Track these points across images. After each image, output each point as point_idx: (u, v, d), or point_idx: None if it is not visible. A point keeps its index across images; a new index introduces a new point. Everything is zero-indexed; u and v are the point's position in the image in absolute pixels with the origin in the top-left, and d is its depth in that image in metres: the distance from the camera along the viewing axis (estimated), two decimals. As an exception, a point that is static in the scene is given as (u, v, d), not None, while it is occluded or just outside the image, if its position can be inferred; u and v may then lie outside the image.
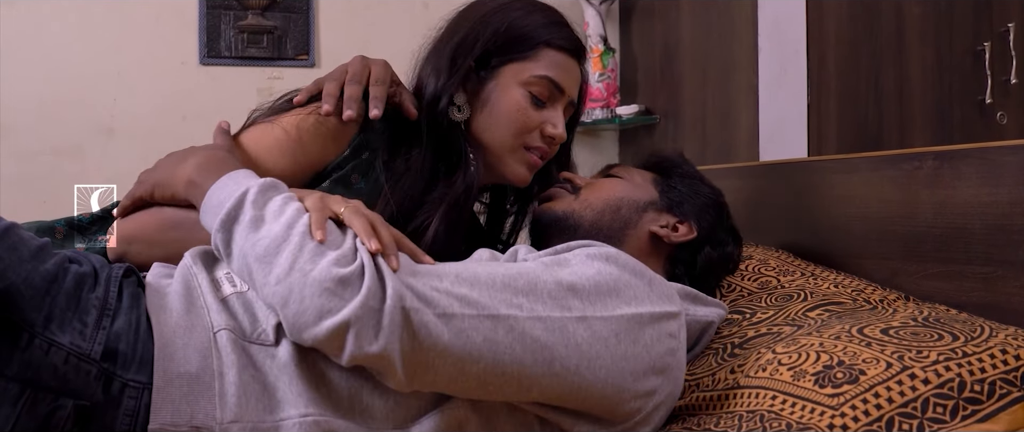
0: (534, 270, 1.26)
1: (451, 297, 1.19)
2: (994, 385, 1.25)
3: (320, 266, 1.17)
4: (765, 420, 1.25)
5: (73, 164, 3.62)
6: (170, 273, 1.38)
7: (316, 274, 1.16)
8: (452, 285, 1.21)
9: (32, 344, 1.13)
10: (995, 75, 2.43)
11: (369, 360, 1.17)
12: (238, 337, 1.24)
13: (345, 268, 1.17)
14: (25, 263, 1.17)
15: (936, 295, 1.70)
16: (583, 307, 1.23)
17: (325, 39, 3.89)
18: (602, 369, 1.22)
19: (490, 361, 1.19)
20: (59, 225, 1.62)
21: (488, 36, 1.62)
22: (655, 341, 1.27)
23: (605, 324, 1.23)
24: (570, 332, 1.21)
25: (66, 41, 3.64)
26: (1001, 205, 1.58)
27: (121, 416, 1.17)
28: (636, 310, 1.26)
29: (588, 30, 3.93)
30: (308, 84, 1.66)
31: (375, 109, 1.58)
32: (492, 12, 1.65)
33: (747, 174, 2.37)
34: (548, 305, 1.22)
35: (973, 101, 2.48)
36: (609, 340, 1.23)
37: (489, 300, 1.21)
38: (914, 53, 2.65)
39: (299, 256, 1.18)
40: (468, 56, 1.62)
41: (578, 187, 1.67)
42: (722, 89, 3.36)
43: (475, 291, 1.21)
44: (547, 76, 1.62)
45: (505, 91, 1.62)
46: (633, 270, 1.31)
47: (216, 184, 1.34)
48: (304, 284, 1.16)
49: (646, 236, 1.62)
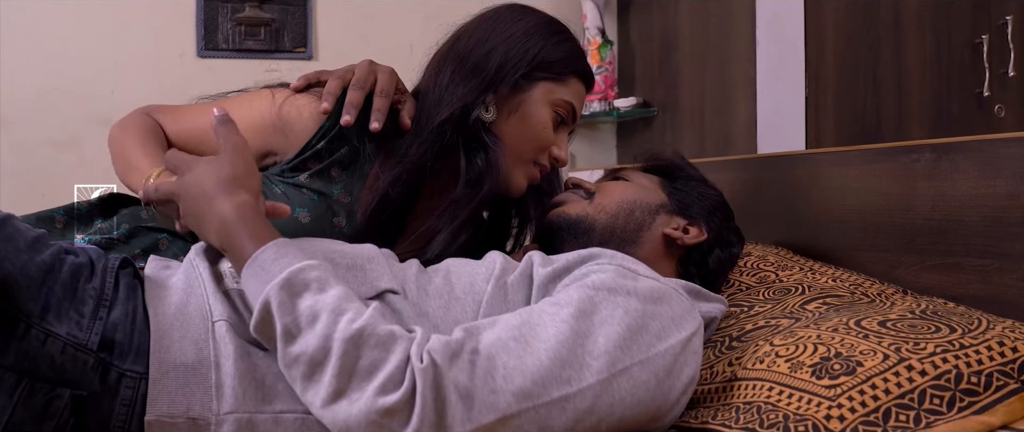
0: (572, 334, 1.21)
1: (508, 395, 1.15)
2: (991, 377, 1.25)
3: (366, 397, 1.09)
4: (762, 411, 1.25)
5: (71, 156, 3.63)
6: (169, 265, 1.39)
7: (362, 407, 1.09)
8: (505, 381, 1.15)
9: (29, 334, 1.13)
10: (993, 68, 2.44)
11: None
12: (237, 328, 1.24)
13: (392, 395, 1.09)
14: (21, 253, 1.17)
15: (933, 288, 1.70)
16: (623, 357, 1.22)
17: (322, 31, 3.89)
18: (642, 407, 1.23)
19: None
20: (58, 215, 1.62)
21: (535, 52, 1.66)
22: (686, 364, 1.28)
23: (643, 368, 1.22)
24: (614, 389, 1.20)
25: (64, 33, 3.65)
26: (999, 198, 1.58)
27: (118, 406, 1.17)
28: (668, 344, 1.26)
29: (586, 22, 3.93)
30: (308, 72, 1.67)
31: (375, 122, 1.60)
32: (535, 29, 1.69)
33: (745, 166, 2.37)
34: (591, 370, 1.20)
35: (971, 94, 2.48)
36: (649, 382, 1.22)
37: (542, 389, 1.16)
38: (912, 46, 2.65)
39: (343, 380, 1.11)
40: (516, 68, 1.65)
41: (591, 192, 1.67)
42: (720, 82, 3.36)
43: (529, 381, 1.16)
44: (571, 102, 1.69)
45: (536, 105, 1.66)
46: (649, 297, 1.29)
47: (242, 275, 1.24)
48: (349, 415, 1.10)
49: (659, 239, 1.63)
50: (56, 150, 3.62)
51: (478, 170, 1.63)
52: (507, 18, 1.70)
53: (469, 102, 1.62)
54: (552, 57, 1.67)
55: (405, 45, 3.85)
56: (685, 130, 3.56)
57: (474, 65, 1.64)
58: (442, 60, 1.68)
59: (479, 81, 1.63)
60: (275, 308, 1.14)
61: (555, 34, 1.69)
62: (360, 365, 1.11)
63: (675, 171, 1.73)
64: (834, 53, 2.87)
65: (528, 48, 1.66)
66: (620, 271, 1.32)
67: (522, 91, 1.65)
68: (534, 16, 1.72)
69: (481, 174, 1.63)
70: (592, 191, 1.67)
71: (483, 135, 1.63)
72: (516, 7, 1.73)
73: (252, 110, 1.62)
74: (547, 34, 1.68)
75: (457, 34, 1.72)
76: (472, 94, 1.62)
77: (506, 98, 1.65)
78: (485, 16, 1.72)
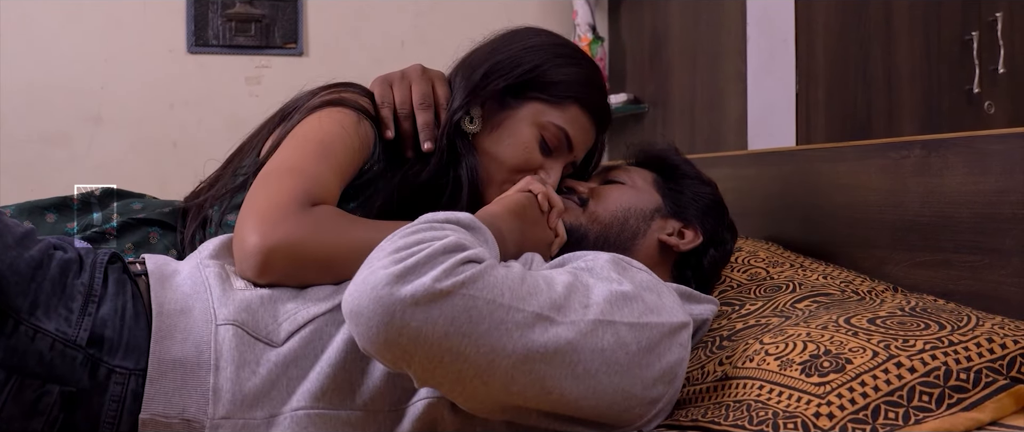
0: (571, 280, 1.23)
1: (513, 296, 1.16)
2: (980, 373, 1.25)
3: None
4: (752, 410, 1.26)
5: (61, 152, 3.62)
6: (170, 262, 1.38)
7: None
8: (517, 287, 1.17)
9: (17, 331, 1.13)
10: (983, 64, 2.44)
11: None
12: (242, 332, 1.24)
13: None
14: (10, 250, 1.17)
15: (923, 284, 1.70)
16: (613, 312, 1.22)
17: (313, 28, 3.88)
18: (618, 375, 1.21)
19: (521, 356, 1.17)
20: (50, 210, 1.62)
21: (528, 67, 1.61)
22: (668, 351, 1.27)
23: (630, 331, 1.22)
24: (598, 335, 1.20)
25: (54, 29, 3.64)
26: (988, 194, 1.59)
27: (108, 402, 1.17)
28: (658, 319, 1.26)
29: (577, 19, 3.93)
30: (378, 88, 1.63)
31: (428, 142, 1.58)
32: (540, 46, 1.64)
33: (735, 163, 2.37)
34: (578, 311, 1.20)
35: (961, 90, 2.49)
36: (630, 347, 1.21)
37: (534, 306, 1.17)
38: (903, 42, 2.65)
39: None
40: (503, 78, 1.61)
41: (585, 199, 1.65)
42: (711, 78, 3.36)
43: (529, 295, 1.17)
44: (564, 129, 1.62)
45: (520, 123, 1.61)
46: (642, 283, 1.30)
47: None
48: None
49: (655, 245, 1.62)
50: (46, 145, 3.62)
51: (458, 183, 1.59)
52: (520, 35, 1.67)
53: (455, 110, 1.59)
54: (549, 78, 1.61)
55: (396, 41, 3.87)
56: (676, 126, 3.56)
57: (470, 76, 1.61)
58: (453, 75, 1.67)
59: (468, 91, 1.60)
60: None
61: (561, 57, 1.64)
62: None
63: (670, 168, 1.72)
64: (824, 49, 2.88)
65: (521, 61, 1.61)
66: (615, 259, 1.33)
67: (509, 108, 1.62)
68: (546, 36, 1.68)
69: (457, 187, 1.59)
70: (586, 197, 1.66)
71: (460, 145, 1.59)
72: (534, 28, 1.70)
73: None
74: (550, 54, 1.63)
75: (472, 47, 1.69)
76: (461, 104, 1.59)
77: (493, 112, 1.62)
78: (502, 33, 1.69)
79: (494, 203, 1.49)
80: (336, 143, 1.48)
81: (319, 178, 1.42)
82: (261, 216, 1.33)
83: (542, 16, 3.90)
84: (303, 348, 1.25)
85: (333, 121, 1.51)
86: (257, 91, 3.80)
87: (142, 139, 3.69)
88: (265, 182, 1.41)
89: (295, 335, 1.25)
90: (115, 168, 3.57)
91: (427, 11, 3.95)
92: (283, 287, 1.32)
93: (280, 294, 1.31)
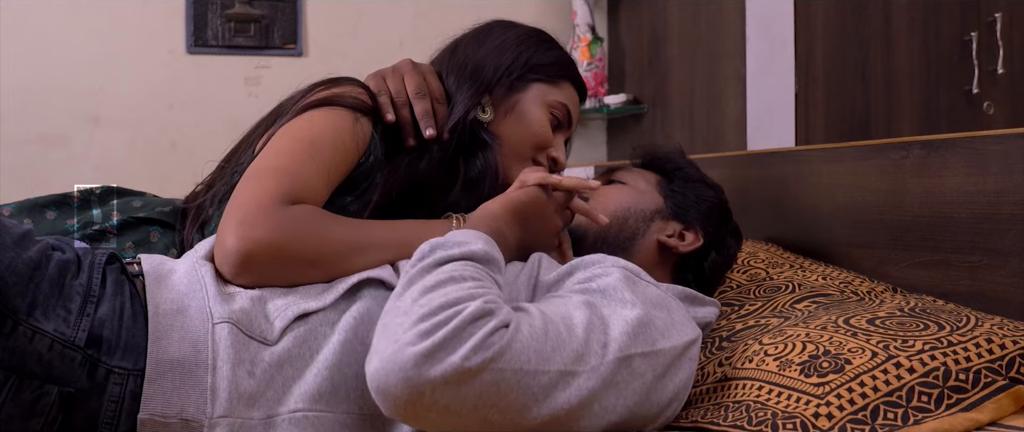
0: (589, 316, 1.23)
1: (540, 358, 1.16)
2: (979, 374, 1.25)
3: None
4: (751, 410, 1.26)
5: (60, 152, 3.62)
6: (166, 261, 1.38)
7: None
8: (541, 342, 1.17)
9: (16, 331, 1.13)
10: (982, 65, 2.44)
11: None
12: (237, 331, 1.24)
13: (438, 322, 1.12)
14: (8, 250, 1.17)
15: (922, 284, 1.70)
16: (628, 345, 1.22)
17: (312, 28, 3.88)
18: (635, 404, 1.22)
19: (548, 417, 1.16)
20: (50, 209, 1.62)
21: (528, 54, 1.69)
22: (680, 370, 1.28)
23: (644, 361, 1.22)
24: (613, 373, 1.20)
25: (53, 29, 3.64)
26: (987, 194, 1.59)
27: (106, 402, 1.17)
28: (670, 343, 1.26)
29: (576, 19, 3.93)
30: (374, 81, 1.65)
31: (429, 129, 1.60)
32: (525, 35, 1.73)
33: (734, 163, 2.37)
34: (597, 353, 1.20)
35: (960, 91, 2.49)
36: (646, 376, 1.22)
37: (560, 365, 1.17)
38: (902, 42, 2.66)
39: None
40: (508, 67, 1.67)
41: (585, 198, 1.66)
42: (710, 78, 3.36)
43: (556, 351, 1.17)
44: (566, 105, 1.70)
45: (531, 104, 1.67)
46: (652, 301, 1.30)
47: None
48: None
49: (654, 246, 1.62)
50: (45, 146, 3.61)
51: (477, 170, 1.62)
52: (498, 29, 1.74)
53: (469, 105, 1.62)
54: (544, 61, 1.69)
55: (395, 41, 3.87)
56: (675, 127, 3.56)
57: (472, 71, 1.66)
58: (444, 72, 1.69)
59: (476, 85, 1.64)
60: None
61: (544, 42, 1.73)
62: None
63: (674, 170, 1.72)
64: (824, 49, 2.88)
65: (520, 52, 1.68)
66: (626, 275, 1.33)
67: (517, 91, 1.66)
68: (523, 27, 1.76)
69: (480, 174, 1.62)
70: (586, 197, 1.66)
71: (482, 134, 1.64)
72: (505, 21, 1.77)
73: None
74: (537, 41, 1.72)
75: (453, 46, 1.74)
76: (473, 99, 1.63)
77: (502, 99, 1.66)
78: (478, 29, 1.75)
79: (495, 201, 1.49)
80: (325, 143, 1.48)
81: (302, 177, 1.42)
82: (239, 218, 1.33)
83: (541, 16, 3.90)
84: (297, 347, 1.25)
85: (325, 121, 1.51)
86: (256, 92, 3.79)
87: (141, 140, 3.69)
88: (247, 183, 1.42)
89: (288, 333, 1.25)
90: (114, 169, 3.57)
91: (426, 12, 3.95)
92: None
93: (270, 293, 1.31)
